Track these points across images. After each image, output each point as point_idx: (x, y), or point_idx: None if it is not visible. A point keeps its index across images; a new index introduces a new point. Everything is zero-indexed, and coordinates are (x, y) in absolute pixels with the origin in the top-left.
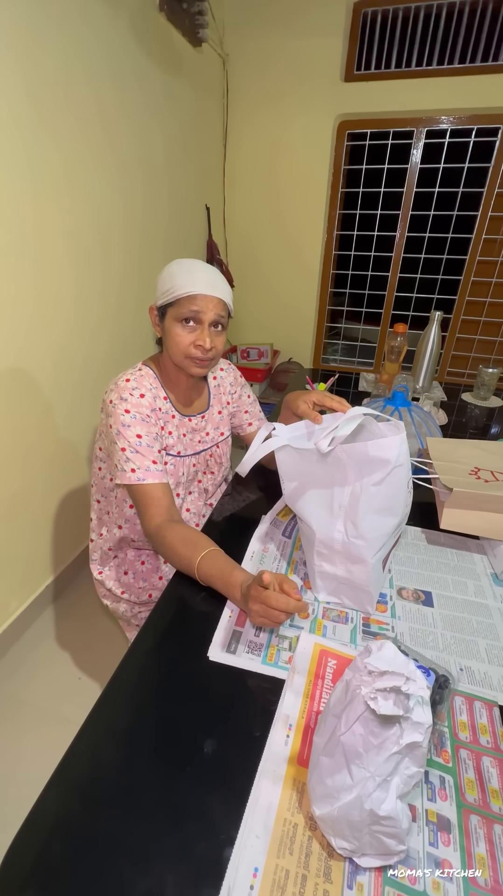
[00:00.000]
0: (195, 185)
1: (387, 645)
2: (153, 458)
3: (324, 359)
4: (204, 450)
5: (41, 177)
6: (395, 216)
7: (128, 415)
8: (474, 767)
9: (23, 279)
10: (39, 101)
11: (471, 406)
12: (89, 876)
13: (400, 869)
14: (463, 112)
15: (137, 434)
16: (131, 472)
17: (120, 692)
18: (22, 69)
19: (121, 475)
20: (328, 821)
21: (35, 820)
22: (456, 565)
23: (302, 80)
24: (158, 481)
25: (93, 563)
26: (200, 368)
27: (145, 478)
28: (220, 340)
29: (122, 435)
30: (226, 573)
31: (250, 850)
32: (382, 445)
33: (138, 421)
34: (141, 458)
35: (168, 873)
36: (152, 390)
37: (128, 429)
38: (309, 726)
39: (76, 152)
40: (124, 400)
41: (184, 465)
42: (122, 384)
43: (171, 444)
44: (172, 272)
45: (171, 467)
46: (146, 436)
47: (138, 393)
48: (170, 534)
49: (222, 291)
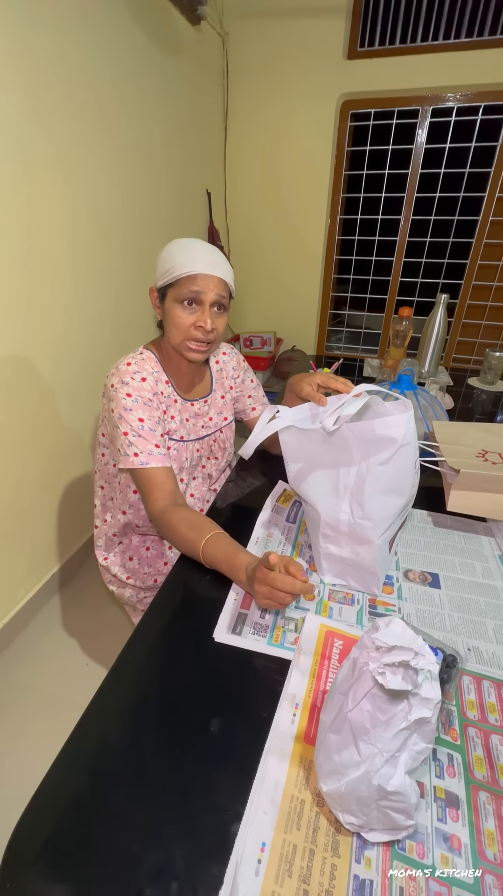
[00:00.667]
0: (195, 169)
1: (394, 621)
2: (156, 442)
3: (327, 346)
4: (207, 435)
5: (35, 160)
6: (400, 199)
7: (129, 399)
8: (482, 745)
9: (19, 266)
10: (32, 81)
11: (477, 391)
12: (98, 850)
13: (408, 844)
14: (470, 88)
15: (139, 418)
16: (134, 456)
17: (126, 672)
18: (13, 47)
19: (124, 459)
20: (335, 796)
21: (43, 796)
22: (463, 547)
23: (304, 59)
24: (161, 465)
25: (98, 549)
26: (198, 353)
27: (148, 462)
28: (221, 322)
29: (125, 419)
30: (230, 556)
31: (258, 825)
32: (389, 423)
33: (140, 405)
34: (143, 442)
35: (176, 847)
36: (154, 374)
37: (130, 413)
38: (315, 705)
39: (71, 135)
40: (125, 384)
41: (187, 450)
42: (123, 368)
43: (173, 429)
44: (172, 252)
45: (174, 452)
46: (148, 419)
47: (139, 377)
48: (174, 517)
49: (223, 271)
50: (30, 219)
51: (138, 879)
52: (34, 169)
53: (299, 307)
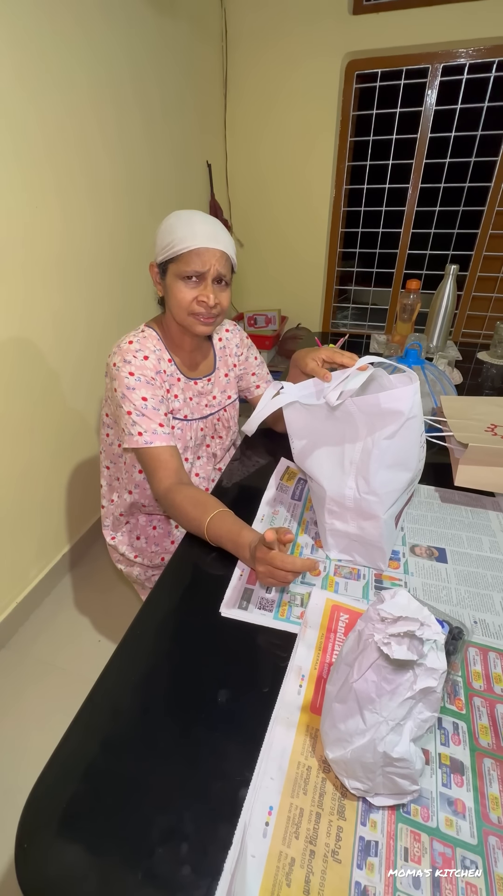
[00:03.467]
0: (195, 140)
1: (400, 592)
2: (159, 421)
3: (333, 323)
4: (211, 413)
5: (29, 133)
6: (408, 166)
7: (132, 377)
8: (488, 714)
9: (17, 245)
10: (22, 47)
11: (487, 365)
12: (110, 813)
13: (413, 808)
14: (483, 42)
15: (143, 397)
16: (138, 435)
17: (135, 647)
18: (4, 12)
19: (128, 439)
20: (341, 763)
21: (57, 762)
22: (470, 522)
23: (306, 15)
24: (166, 444)
25: (105, 529)
26: (205, 326)
27: (152, 441)
28: (224, 296)
29: (128, 398)
30: (234, 533)
31: (265, 790)
32: (395, 396)
33: (143, 384)
34: (147, 421)
35: (186, 811)
36: (156, 352)
37: (133, 392)
38: (321, 676)
39: (65, 104)
40: (128, 363)
41: (191, 428)
42: (125, 347)
43: (177, 408)
44: (171, 225)
45: (179, 431)
46: (151, 398)
47: (142, 355)
48: (179, 496)
49: (224, 243)
50: (22, 193)
51: (150, 840)
52: (28, 142)
53: (304, 284)
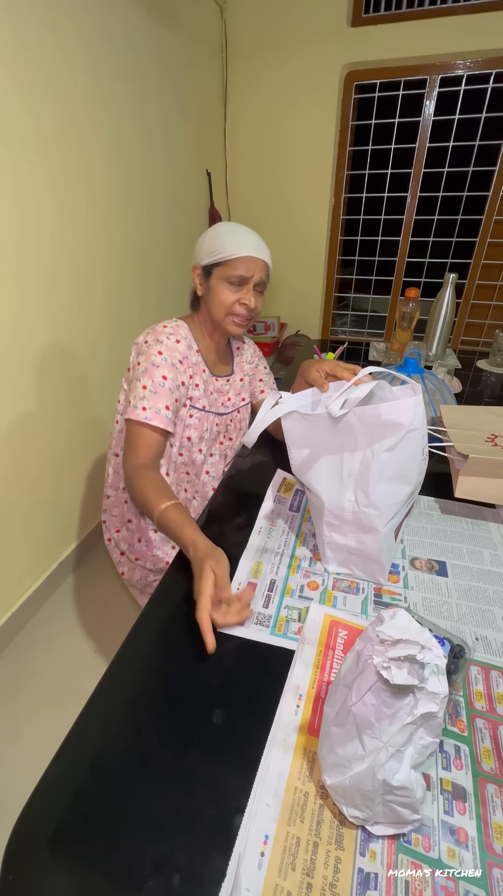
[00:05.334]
0: (195, 148)
1: (400, 613)
2: (167, 404)
3: (332, 331)
4: (226, 413)
5: (28, 141)
6: (407, 175)
7: (160, 356)
8: (491, 736)
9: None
10: (23, 56)
11: (486, 373)
12: (100, 842)
13: (414, 837)
14: (480, 54)
15: (163, 375)
16: (142, 409)
17: (128, 664)
18: (4, 21)
19: (131, 411)
20: (339, 790)
21: (46, 788)
22: (471, 534)
23: (306, 27)
24: (162, 427)
25: (105, 526)
26: (239, 327)
27: (152, 419)
28: (260, 301)
29: (149, 373)
30: (179, 527)
31: (260, 817)
32: (397, 408)
33: (168, 364)
34: (156, 400)
35: (178, 839)
36: (186, 340)
37: (156, 368)
38: (319, 696)
39: (66, 113)
40: (160, 342)
41: (208, 420)
42: (159, 329)
43: (197, 397)
44: (221, 233)
45: (196, 421)
46: (171, 380)
47: (174, 339)
48: (147, 475)
49: (266, 255)
50: (22, 201)
51: (141, 872)
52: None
53: (303, 291)
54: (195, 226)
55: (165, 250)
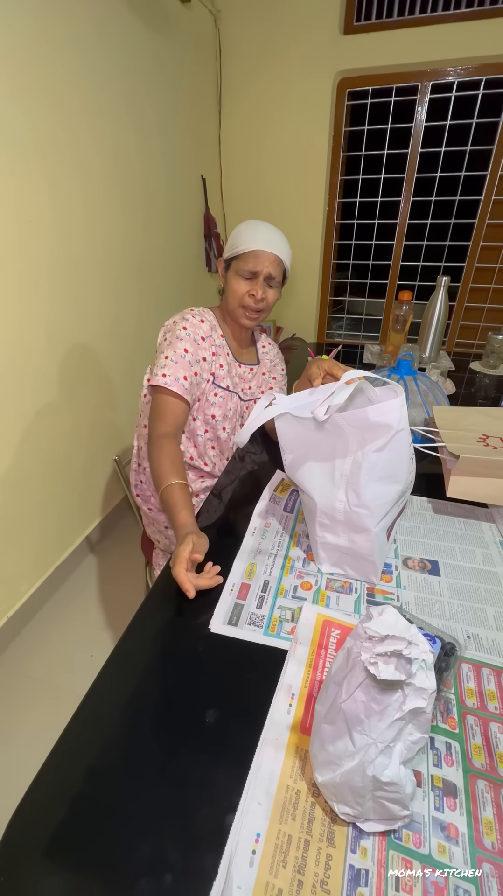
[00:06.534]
0: (189, 154)
1: (388, 610)
2: (185, 374)
3: (328, 334)
4: (246, 399)
5: (23, 148)
6: (400, 180)
7: (185, 331)
8: (481, 733)
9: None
10: (15, 63)
11: (480, 375)
12: (92, 842)
13: (404, 833)
14: (471, 61)
15: (185, 348)
16: (162, 376)
17: (121, 665)
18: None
19: (153, 378)
20: (330, 787)
21: (38, 789)
22: (463, 534)
23: (299, 35)
24: (182, 394)
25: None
26: (250, 320)
27: (171, 385)
28: (271, 294)
29: (173, 345)
30: (177, 508)
31: (252, 816)
32: (383, 410)
33: (191, 339)
34: (176, 368)
35: (170, 838)
36: (211, 322)
37: (179, 341)
38: (312, 695)
39: (59, 120)
40: (186, 319)
41: (231, 400)
42: (186, 311)
43: (221, 376)
44: (240, 230)
45: (220, 399)
46: (192, 353)
47: (199, 318)
48: (168, 447)
49: (280, 249)
50: (19, 208)
51: (133, 871)
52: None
53: (299, 295)
54: (190, 231)
55: (162, 255)
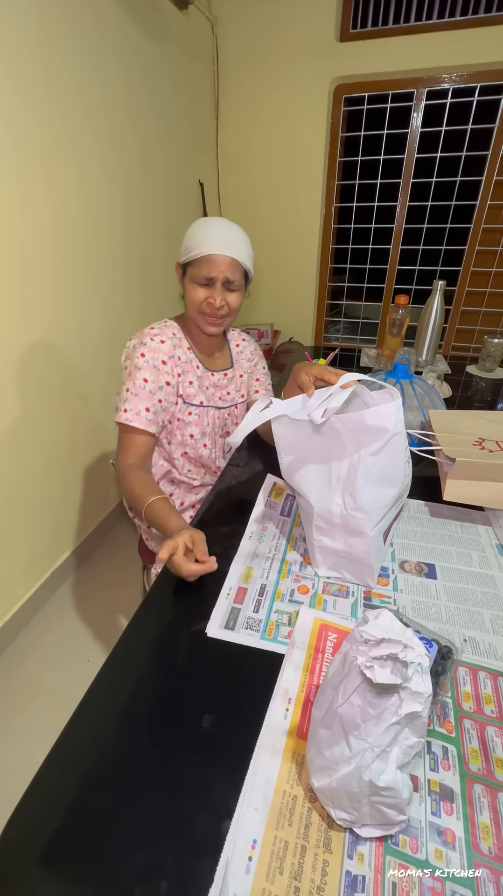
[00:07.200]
0: (187, 160)
1: (383, 613)
2: (147, 406)
3: (325, 337)
4: (224, 407)
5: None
6: (396, 185)
7: (142, 358)
8: (478, 737)
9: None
10: (13, 69)
11: (476, 378)
12: (88, 849)
13: (401, 838)
14: (465, 69)
15: (144, 378)
16: (124, 412)
17: (117, 670)
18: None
19: (116, 413)
20: (327, 792)
21: (33, 796)
22: (460, 537)
23: (295, 43)
24: (144, 428)
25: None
26: (214, 326)
27: (132, 420)
28: (233, 298)
29: (132, 376)
30: (164, 519)
31: (248, 821)
32: (380, 413)
33: (150, 366)
34: (137, 402)
35: (166, 845)
36: (174, 339)
37: (138, 371)
38: (308, 699)
39: (56, 127)
40: (144, 344)
41: (208, 415)
42: (146, 331)
43: (191, 394)
44: (192, 231)
45: (196, 417)
46: (152, 382)
47: (159, 339)
48: (134, 474)
49: (237, 251)
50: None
51: (128, 878)
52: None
53: (296, 298)
54: None
55: (161, 260)
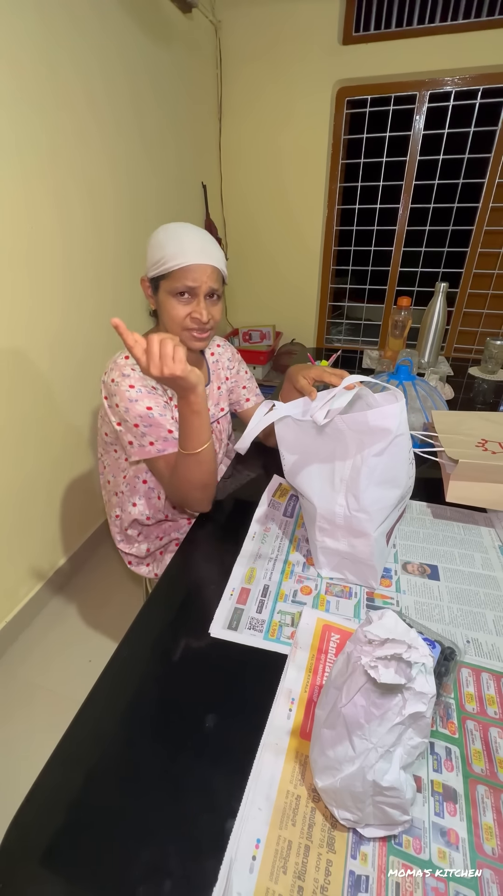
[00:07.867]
0: (190, 161)
1: (387, 613)
2: (168, 427)
3: (327, 339)
4: None
5: (27, 157)
6: (398, 187)
7: (133, 390)
8: (481, 738)
9: (20, 263)
10: (19, 72)
11: (478, 380)
12: (92, 849)
13: (405, 839)
14: (468, 71)
15: (147, 406)
16: (150, 445)
17: (121, 670)
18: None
19: (138, 451)
20: (331, 792)
21: (37, 795)
22: (462, 538)
23: (298, 45)
24: (175, 450)
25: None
26: (199, 342)
27: (165, 448)
28: (216, 310)
29: (132, 411)
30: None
31: (252, 821)
32: (383, 414)
33: (144, 394)
34: (157, 430)
35: (170, 844)
36: None
37: (136, 403)
38: (311, 700)
39: (61, 130)
40: (126, 376)
41: None
42: (121, 362)
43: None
44: (160, 241)
45: None
46: (156, 406)
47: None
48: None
49: (214, 257)
50: (24, 217)
51: (132, 878)
52: (28, 165)
53: (298, 300)
54: None
55: None
